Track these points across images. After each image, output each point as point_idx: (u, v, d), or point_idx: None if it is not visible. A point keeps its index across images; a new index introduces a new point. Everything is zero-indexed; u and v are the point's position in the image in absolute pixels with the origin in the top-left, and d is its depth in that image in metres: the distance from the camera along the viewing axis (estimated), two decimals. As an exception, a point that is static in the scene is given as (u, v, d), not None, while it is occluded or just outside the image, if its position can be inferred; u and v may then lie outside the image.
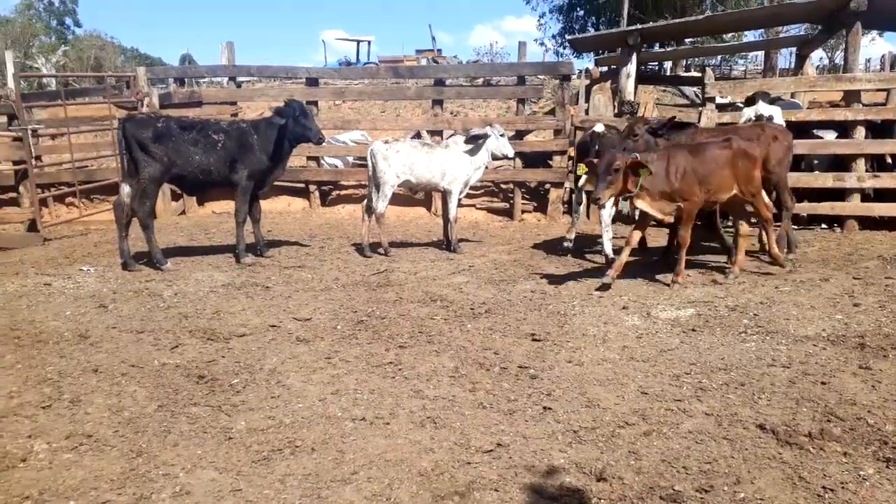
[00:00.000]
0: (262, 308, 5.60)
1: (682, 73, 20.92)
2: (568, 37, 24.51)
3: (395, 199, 8.40)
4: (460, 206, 8.32)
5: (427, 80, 11.66)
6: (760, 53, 24.43)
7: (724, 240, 7.19)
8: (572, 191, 8.72)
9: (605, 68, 14.24)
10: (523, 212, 10.42)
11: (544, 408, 3.70)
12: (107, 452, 3.28)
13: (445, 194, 7.84)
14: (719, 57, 28.38)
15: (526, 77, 10.86)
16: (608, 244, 7.01)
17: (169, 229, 9.25)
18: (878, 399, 3.69)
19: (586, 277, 6.43)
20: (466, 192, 8.12)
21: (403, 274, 6.72)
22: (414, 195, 10.24)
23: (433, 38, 28.75)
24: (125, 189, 6.90)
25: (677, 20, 14.25)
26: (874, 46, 34.73)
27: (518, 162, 10.26)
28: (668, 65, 22.65)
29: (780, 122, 7.17)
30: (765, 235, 6.76)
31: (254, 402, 3.83)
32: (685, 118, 10.71)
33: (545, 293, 5.98)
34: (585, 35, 20.19)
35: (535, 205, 10.65)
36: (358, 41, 27.98)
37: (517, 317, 5.31)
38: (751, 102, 7.48)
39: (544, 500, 2.87)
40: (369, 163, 7.61)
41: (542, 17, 32.33)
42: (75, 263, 7.24)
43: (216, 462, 3.18)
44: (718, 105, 9.38)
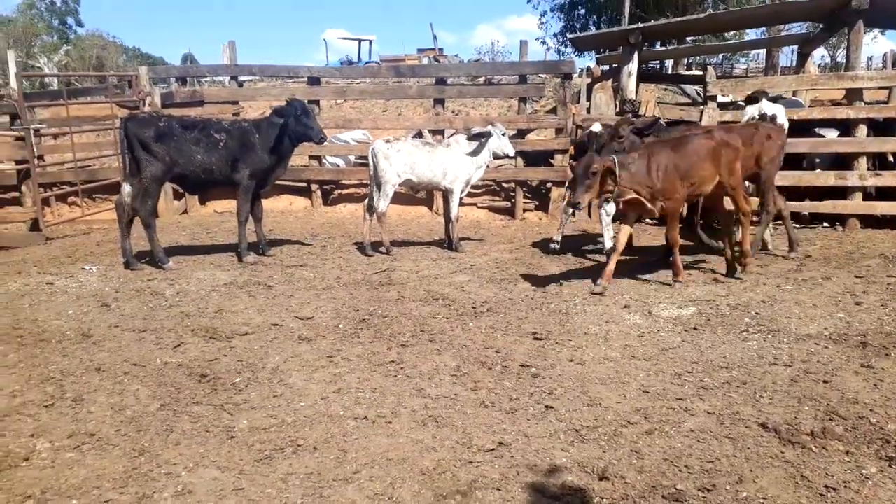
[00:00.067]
0: (264, 307, 5.60)
1: (684, 72, 20.88)
2: (569, 35, 24.46)
3: (397, 198, 8.40)
4: (462, 204, 8.32)
5: (429, 79, 11.66)
6: (762, 52, 24.42)
7: (700, 239, 7.17)
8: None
9: (607, 67, 14.20)
10: (525, 211, 10.42)
11: (546, 406, 3.70)
12: (109, 451, 3.29)
13: (447, 193, 7.83)
14: (721, 55, 28.35)
15: (527, 76, 10.87)
16: (609, 243, 7.00)
17: (171, 228, 9.26)
18: (881, 398, 3.69)
19: (588, 277, 6.42)
20: (468, 190, 8.12)
21: (405, 273, 6.73)
22: (416, 194, 10.24)
23: (434, 37, 28.72)
24: (126, 188, 6.91)
25: (679, 19, 14.25)
26: (876, 44, 34.72)
27: (520, 161, 10.26)
28: (670, 63, 22.61)
29: (782, 120, 7.16)
30: (739, 232, 6.49)
31: (256, 400, 3.84)
32: (687, 117, 10.73)
33: (547, 292, 5.98)
34: (587, 34, 20.19)
35: (537, 203, 10.65)
36: (359, 40, 27.99)
37: (519, 315, 5.31)
38: (751, 101, 7.47)
39: (546, 500, 2.87)
40: (370, 162, 7.60)
41: (543, 15, 32.32)
42: (78, 262, 7.26)
43: (218, 461, 3.19)
44: (720, 103, 9.37)
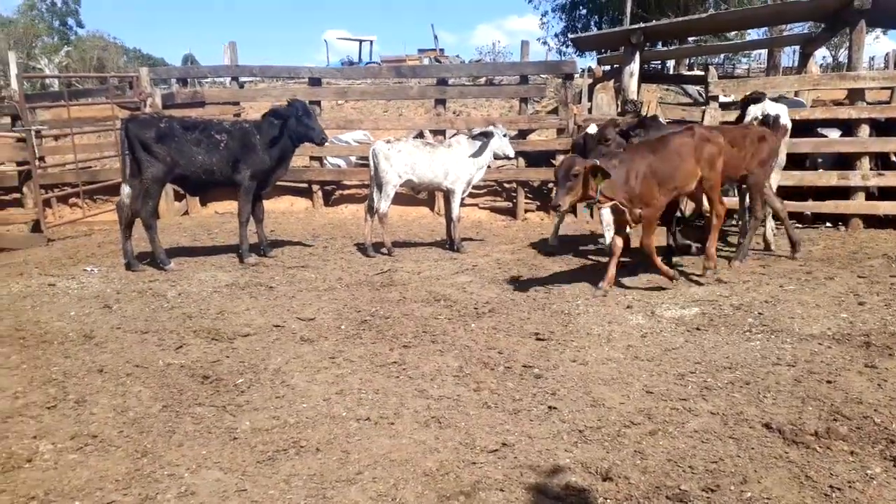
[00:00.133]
0: (265, 308, 5.60)
1: (686, 72, 20.88)
2: (571, 36, 24.47)
3: (398, 199, 8.39)
4: (463, 205, 8.31)
5: (430, 80, 11.64)
6: (764, 52, 24.44)
7: (676, 239, 7.14)
8: None
9: (608, 67, 14.17)
10: (526, 211, 10.41)
11: (549, 407, 3.69)
12: (112, 453, 3.28)
13: (448, 194, 7.82)
14: (722, 55, 28.36)
15: (529, 76, 10.84)
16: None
17: (172, 230, 9.26)
18: (885, 398, 3.68)
19: (589, 277, 6.41)
20: (469, 191, 8.11)
21: (407, 273, 6.72)
22: (417, 195, 10.23)
23: (435, 37, 28.79)
24: (125, 190, 6.90)
25: (680, 19, 14.23)
26: (878, 44, 34.70)
27: (521, 161, 10.25)
28: (672, 63, 22.61)
29: (785, 121, 7.15)
30: (712, 234, 6.17)
31: (258, 402, 3.83)
32: (689, 117, 10.70)
33: (549, 292, 5.97)
34: (588, 34, 20.21)
35: (538, 204, 10.64)
36: (360, 41, 28.04)
37: (521, 316, 5.30)
38: (746, 103, 7.48)
39: (550, 500, 2.86)
40: (371, 163, 7.59)
41: (544, 15, 32.37)
42: (79, 264, 7.25)
43: (221, 462, 3.18)
44: (722, 104, 9.36)
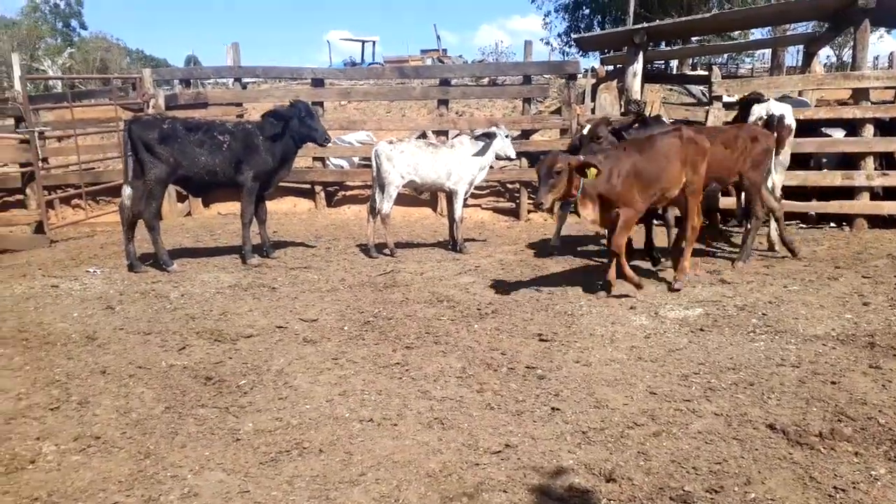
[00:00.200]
0: (268, 309, 5.60)
1: (689, 72, 20.85)
2: (574, 36, 24.48)
3: (401, 200, 8.39)
4: (466, 206, 8.30)
5: (432, 80, 11.65)
6: (767, 51, 24.32)
7: (652, 242, 7.10)
8: None
9: (611, 67, 14.17)
10: (529, 212, 10.40)
11: (552, 408, 3.68)
12: (115, 454, 3.28)
13: (451, 194, 7.81)
14: (726, 55, 28.29)
15: (532, 76, 10.83)
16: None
17: (175, 231, 9.27)
18: (889, 398, 3.66)
19: (591, 277, 6.40)
20: (472, 191, 8.10)
21: (409, 274, 6.71)
22: (419, 195, 10.23)
23: (438, 37, 28.84)
24: (127, 191, 6.91)
25: (684, 18, 14.20)
26: (882, 44, 34.64)
27: (524, 161, 10.24)
28: (675, 63, 22.58)
29: (790, 120, 7.14)
30: (684, 241, 6.03)
31: (261, 403, 3.83)
32: (692, 117, 10.69)
33: (552, 293, 5.96)
34: (591, 34, 20.17)
35: (541, 204, 10.61)
36: (363, 41, 28.07)
37: (524, 317, 5.30)
38: (746, 103, 7.46)
39: (553, 502, 2.85)
40: (373, 163, 7.59)
41: (547, 16, 32.41)
42: (82, 265, 7.26)
43: (224, 463, 3.18)
44: (725, 103, 9.34)
